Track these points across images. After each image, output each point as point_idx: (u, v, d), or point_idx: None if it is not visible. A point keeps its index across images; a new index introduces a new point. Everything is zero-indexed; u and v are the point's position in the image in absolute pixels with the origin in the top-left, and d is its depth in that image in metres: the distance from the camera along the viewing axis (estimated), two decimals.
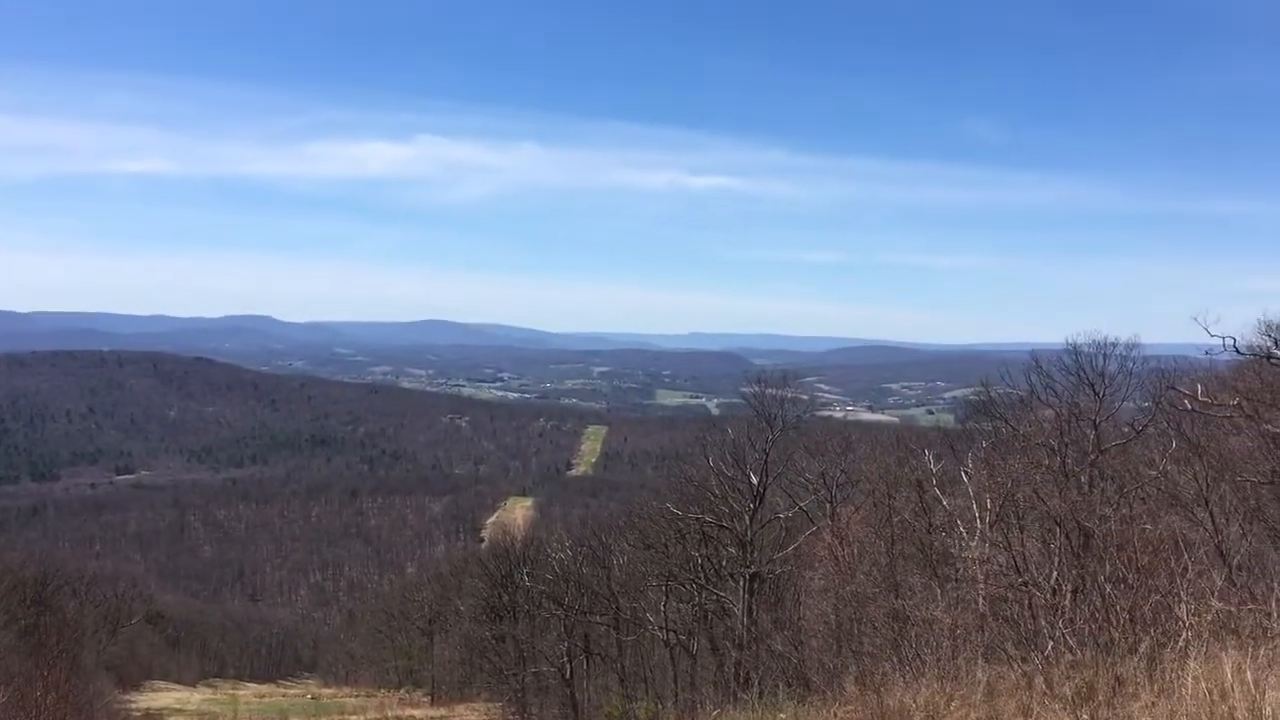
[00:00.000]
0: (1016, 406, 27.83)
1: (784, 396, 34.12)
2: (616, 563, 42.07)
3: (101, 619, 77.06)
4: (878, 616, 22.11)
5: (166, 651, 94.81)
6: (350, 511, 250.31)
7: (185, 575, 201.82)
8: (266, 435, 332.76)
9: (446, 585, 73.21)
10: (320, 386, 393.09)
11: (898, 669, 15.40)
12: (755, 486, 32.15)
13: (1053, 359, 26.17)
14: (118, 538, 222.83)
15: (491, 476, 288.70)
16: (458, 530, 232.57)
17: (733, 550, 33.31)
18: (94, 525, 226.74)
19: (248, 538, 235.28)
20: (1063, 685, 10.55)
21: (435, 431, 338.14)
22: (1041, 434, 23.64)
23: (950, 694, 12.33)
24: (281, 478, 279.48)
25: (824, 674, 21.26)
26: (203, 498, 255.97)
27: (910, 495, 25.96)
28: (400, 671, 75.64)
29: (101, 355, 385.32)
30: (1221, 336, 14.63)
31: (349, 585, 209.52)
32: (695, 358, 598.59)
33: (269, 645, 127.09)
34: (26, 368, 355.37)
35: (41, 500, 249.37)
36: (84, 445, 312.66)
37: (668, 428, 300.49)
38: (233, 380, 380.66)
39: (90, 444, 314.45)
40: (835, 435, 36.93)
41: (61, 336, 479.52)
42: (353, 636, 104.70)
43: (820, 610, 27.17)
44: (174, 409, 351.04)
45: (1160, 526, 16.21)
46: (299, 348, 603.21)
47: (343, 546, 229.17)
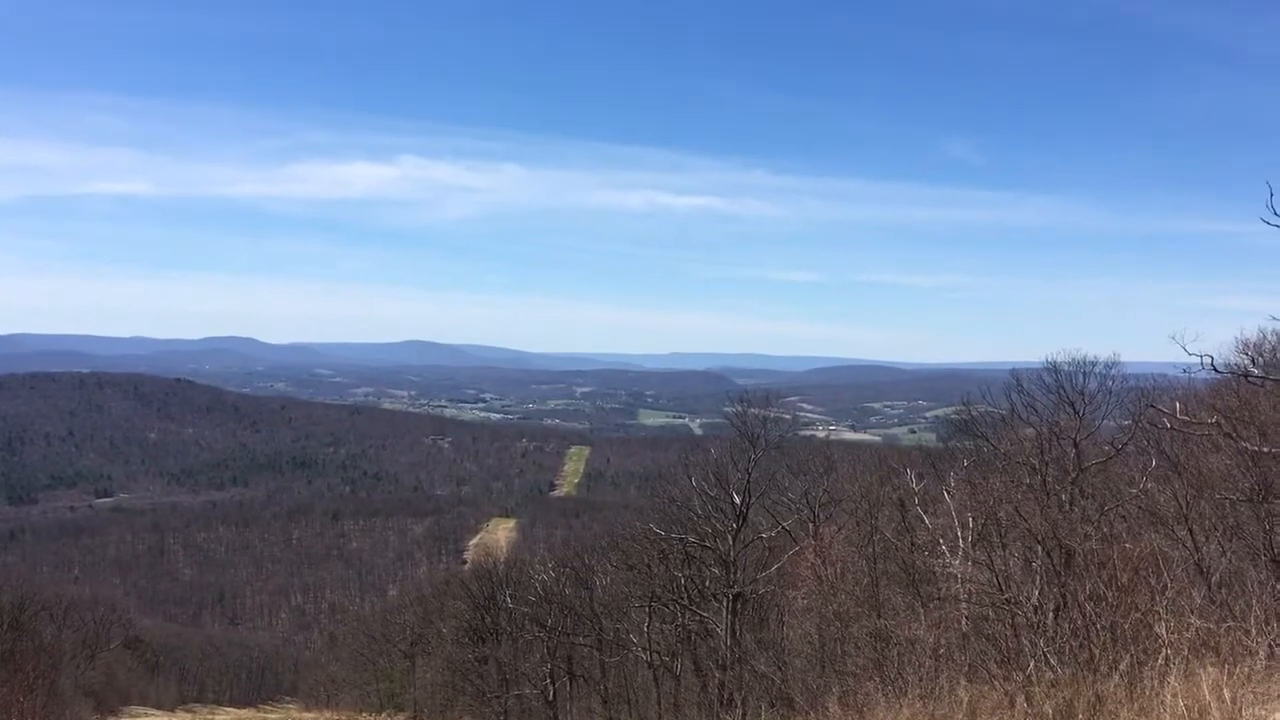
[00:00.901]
0: (998, 425, 27.93)
1: (766, 416, 34.16)
2: (599, 584, 41.96)
3: (80, 644, 76.23)
4: (861, 636, 22.11)
5: (145, 676, 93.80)
6: (332, 533, 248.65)
7: (165, 599, 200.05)
8: (247, 457, 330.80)
9: (429, 607, 72.72)
10: (301, 408, 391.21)
11: (880, 689, 15.40)
12: (738, 506, 32.12)
13: (1033, 378, 26.29)
14: (97, 561, 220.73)
15: (474, 497, 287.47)
16: (440, 552, 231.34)
17: (716, 570, 33.25)
18: (73, 549, 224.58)
19: (228, 561, 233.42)
20: (1044, 704, 10.58)
21: (417, 453, 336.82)
22: (1022, 453, 23.74)
23: (933, 713, 12.34)
24: (262, 500, 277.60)
25: (807, 694, 21.23)
26: (183, 520, 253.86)
27: (893, 514, 26.02)
28: (382, 694, 75.02)
29: (81, 377, 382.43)
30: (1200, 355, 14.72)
31: (330, 608, 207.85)
32: (678, 378, 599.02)
33: (249, 669, 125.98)
34: (5, 390, 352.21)
35: (19, 524, 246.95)
36: (63, 468, 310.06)
37: (650, 448, 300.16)
38: (213, 402, 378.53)
39: (69, 467, 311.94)
40: (818, 455, 37.01)
41: (41, 358, 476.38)
42: (334, 659, 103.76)
43: (803, 630, 27.15)
44: (154, 431, 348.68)
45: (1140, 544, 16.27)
46: (280, 369, 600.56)
47: (324, 569, 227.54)
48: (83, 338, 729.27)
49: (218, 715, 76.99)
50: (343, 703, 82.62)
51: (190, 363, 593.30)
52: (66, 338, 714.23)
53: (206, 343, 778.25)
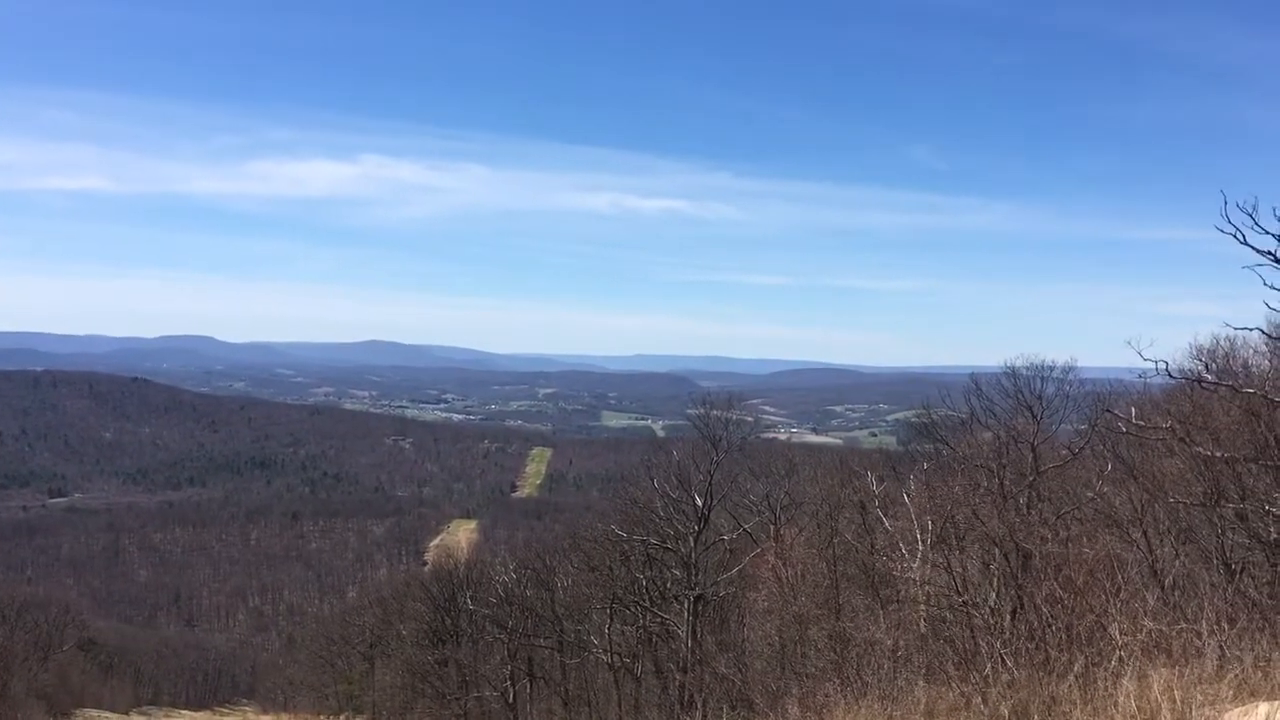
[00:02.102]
0: (957, 429, 28.19)
1: (729, 418, 34.31)
2: (561, 585, 41.93)
3: (32, 646, 75.23)
4: (820, 638, 22.25)
5: (99, 678, 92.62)
6: (291, 534, 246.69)
7: (120, 600, 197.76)
8: (205, 457, 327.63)
9: (388, 609, 72.32)
10: (261, 407, 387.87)
11: (840, 690, 15.50)
12: (700, 508, 32.22)
13: (992, 382, 26.52)
14: (50, 562, 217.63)
15: (435, 499, 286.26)
16: (400, 553, 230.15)
17: (677, 572, 33.33)
18: (25, 549, 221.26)
19: (184, 561, 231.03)
20: (1000, 704, 10.69)
21: (378, 453, 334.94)
22: (981, 456, 23.97)
23: (890, 714, 12.44)
24: (220, 500, 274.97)
25: (767, 696, 21.34)
26: (138, 521, 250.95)
27: (853, 517, 26.21)
28: (340, 697, 74.54)
29: (35, 375, 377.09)
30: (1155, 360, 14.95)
31: (288, 609, 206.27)
32: (641, 379, 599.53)
33: (205, 671, 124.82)
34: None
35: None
36: (16, 467, 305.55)
37: (613, 449, 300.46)
38: (171, 401, 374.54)
39: (22, 466, 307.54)
40: (779, 457, 37.23)
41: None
42: (292, 661, 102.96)
43: (764, 632, 27.29)
44: (110, 430, 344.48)
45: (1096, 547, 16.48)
46: (239, 368, 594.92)
47: (282, 570, 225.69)
48: (37, 335, 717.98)
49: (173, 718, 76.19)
50: (300, 705, 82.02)
51: (147, 361, 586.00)
52: (20, 335, 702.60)
53: (164, 341, 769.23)
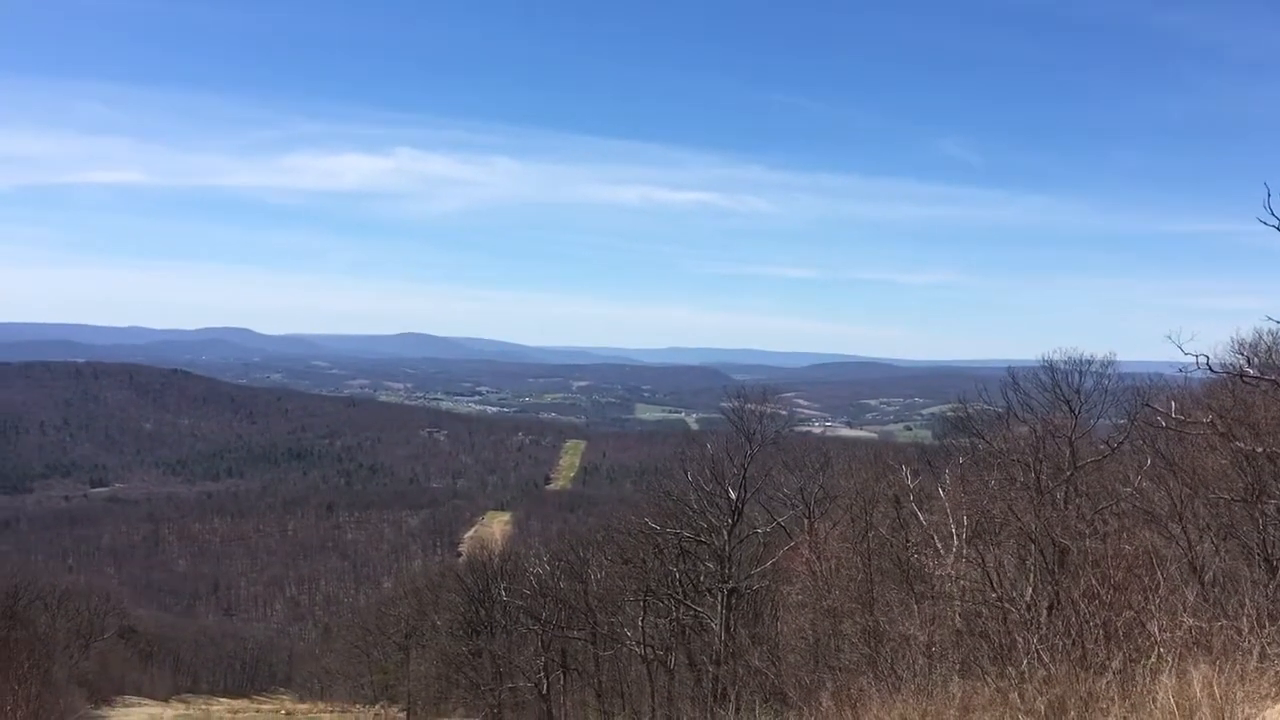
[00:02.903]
0: (993, 423, 27.96)
1: (763, 412, 34.17)
2: (594, 577, 41.99)
3: (74, 633, 76.27)
4: (854, 632, 22.16)
5: (139, 666, 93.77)
6: (327, 525, 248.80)
7: (159, 589, 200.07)
8: (243, 448, 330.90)
9: (423, 600, 72.75)
10: (297, 399, 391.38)
11: (874, 684, 15.44)
12: (733, 502, 32.17)
13: (1029, 376, 26.28)
14: (91, 551, 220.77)
15: (469, 491, 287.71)
16: (435, 544, 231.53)
17: (711, 565, 33.31)
18: (67, 539, 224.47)
19: (223, 551, 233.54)
20: (1036, 700, 10.61)
21: (413, 445, 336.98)
22: (1017, 450, 23.76)
23: (925, 709, 12.38)
24: (258, 491, 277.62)
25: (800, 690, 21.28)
26: (178, 511, 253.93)
27: (887, 511, 26.05)
28: (376, 687, 75.13)
29: (77, 367, 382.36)
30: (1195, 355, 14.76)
31: (325, 599, 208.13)
32: (674, 372, 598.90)
33: (243, 660, 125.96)
34: (0, 379, 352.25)
35: (14, 513, 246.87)
36: (58, 457, 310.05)
37: (646, 442, 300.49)
38: (209, 393, 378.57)
39: (64, 456, 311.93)
40: (813, 451, 37.07)
41: (36, 348, 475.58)
42: (328, 651, 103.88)
43: (797, 625, 27.21)
44: (150, 421, 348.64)
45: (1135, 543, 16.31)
46: (276, 360, 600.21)
47: (319, 560, 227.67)
48: (78, 327, 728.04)
49: (212, 706, 76.99)
50: (336, 694, 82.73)
51: (187, 353, 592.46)
52: (62, 327, 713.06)
53: (203, 333, 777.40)
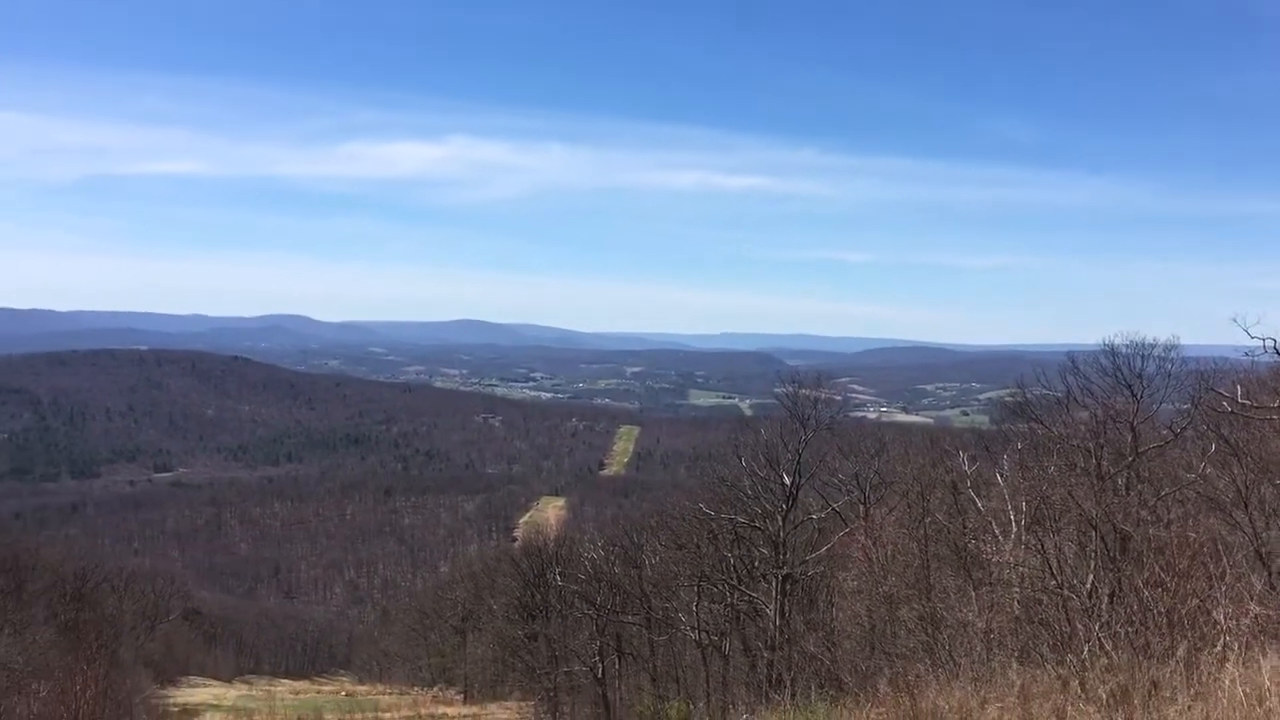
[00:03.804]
0: (1052, 408, 27.55)
1: (817, 397, 33.94)
2: (648, 563, 42.07)
3: (140, 615, 77.94)
4: (911, 618, 22.02)
5: (203, 648, 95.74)
6: (384, 510, 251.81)
7: (222, 572, 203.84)
8: (302, 434, 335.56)
9: (479, 584, 73.45)
10: (355, 386, 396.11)
11: (931, 671, 15.33)
12: (788, 487, 32.02)
13: (1089, 360, 25.84)
14: (156, 535, 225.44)
15: (524, 476, 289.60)
16: (490, 529, 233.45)
17: (765, 551, 33.21)
18: (133, 522, 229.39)
19: (283, 535, 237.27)
20: (1098, 688, 10.48)
21: (468, 431, 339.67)
22: (1077, 436, 23.41)
23: (984, 696, 12.27)
24: (316, 476, 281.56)
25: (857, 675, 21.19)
26: (239, 496, 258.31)
27: (944, 497, 25.80)
28: (433, 669, 76.04)
29: (141, 354, 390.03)
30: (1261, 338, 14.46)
31: (383, 583, 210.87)
32: (728, 358, 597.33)
33: (304, 642, 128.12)
34: (67, 366, 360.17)
35: (81, 497, 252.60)
36: (123, 443, 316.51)
37: (700, 428, 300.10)
38: (269, 379, 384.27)
39: (129, 442, 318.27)
40: (869, 436, 36.78)
41: (101, 335, 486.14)
42: (386, 634, 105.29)
43: (853, 611, 27.08)
44: (211, 408, 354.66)
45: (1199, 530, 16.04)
46: (334, 347, 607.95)
47: (377, 544, 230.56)
48: (142, 315, 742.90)
49: (274, 687, 78.35)
50: (395, 677, 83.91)
51: (247, 340, 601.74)
52: (126, 315, 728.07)
53: (262, 320, 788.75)
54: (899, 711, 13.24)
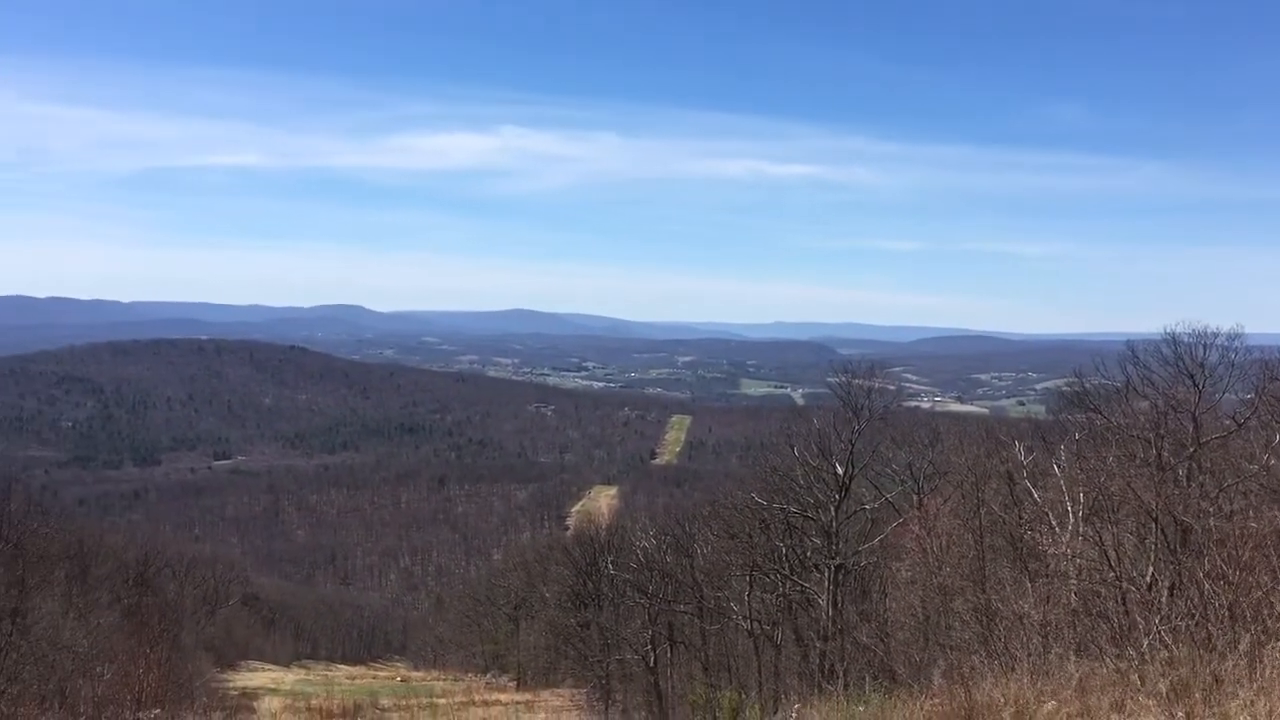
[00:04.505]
0: (1111, 398, 27.10)
1: (870, 386, 33.72)
2: (700, 552, 42.07)
3: (200, 600, 79.40)
4: (965, 610, 21.84)
5: (262, 632, 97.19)
6: (438, 498, 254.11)
7: (279, 558, 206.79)
8: (357, 422, 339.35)
9: (532, 572, 73.93)
10: (409, 375, 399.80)
11: (986, 663, 15.20)
12: (841, 477, 31.85)
13: (1150, 349, 25.37)
14: (216, 521, 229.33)
15: (576, 465, 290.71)
16: (543, 518, 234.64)
17: (817, 541, 33.07)
18: (193, 509, 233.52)
19: (339, 523, 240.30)
20: (1158, 682, 10.33)
21: (521, 420, 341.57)
22: (1137, 426, 23.02)
23: (1041, 689, 12.14)
24: (372, 464, 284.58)
25: (910, 667, 21.07)
26: (296, 483, 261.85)
27: (1000, 488, 25.53)
28: (487, 656, 76.63)
29: (200, 344, 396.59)
30: None
31: (437, 570, 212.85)
32: (780, 347, 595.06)
33: (360, 628, 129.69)
34: (130, 356, 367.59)
35: (144, 484, 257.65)
36: (184, 431, 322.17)
37: (752, 417, 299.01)
38: (325, 368, 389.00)
39: (190, 430, 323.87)
40: (922, 426, 36.55)
41: (163, 326, 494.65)
42: (441, 621, 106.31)
43: (907, 602, 26.91)
44: (269, 396, 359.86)
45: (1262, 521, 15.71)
46: (388, 336, 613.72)
47: (431, 532, 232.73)
48: (202, 305, 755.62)
49: (331, 672, 79.46)
50: (449, 663, 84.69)
51: (303, 330, 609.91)
52: (186, 305, 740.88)
53: (318, 310, 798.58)
54: (953, 704, 13.13)
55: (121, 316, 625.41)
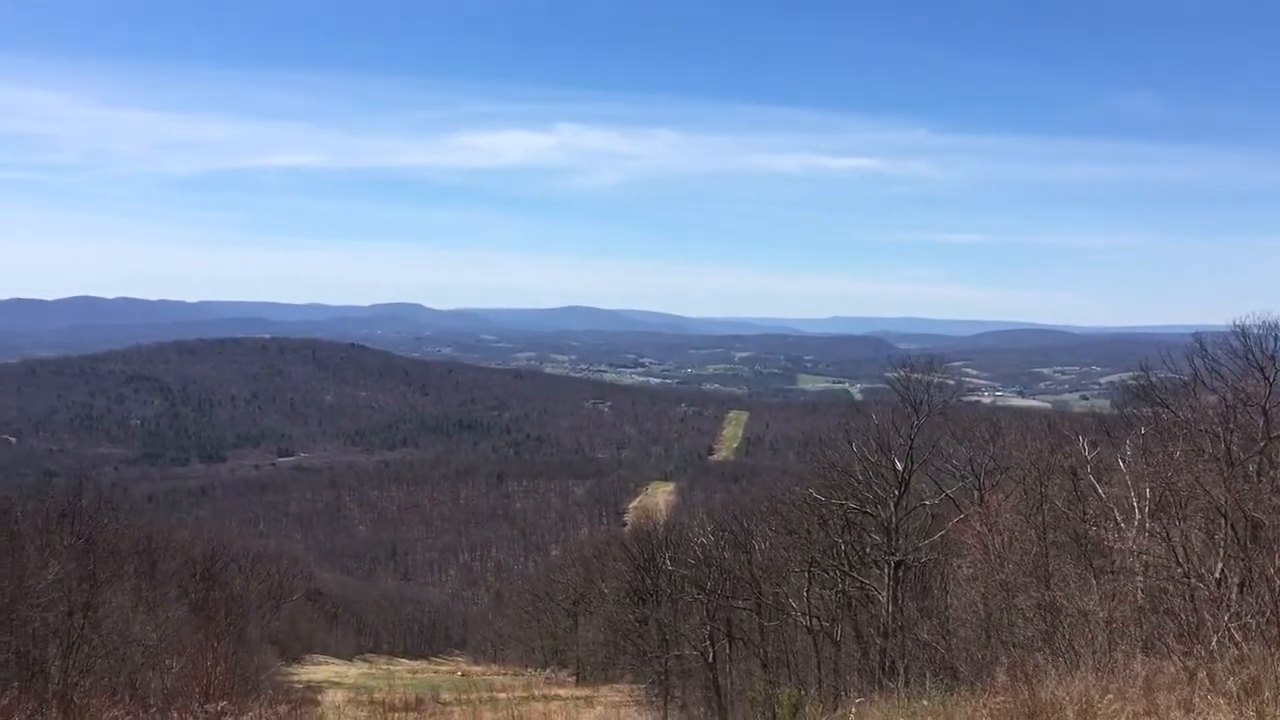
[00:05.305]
0: (1178, 391, 26.57)
1: (930, 381, 33.35)
2: (758, 548, 41.92)
3: (265, 595, 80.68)
4: (1029, 607, 21.55)
5: (325, 627, 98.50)
6: (497, 494, 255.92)
7: (341, 554, 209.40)
8: (416, 419, 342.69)
9: (590, 568, 74.15)
10: (467, 372, 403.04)
11: (1050, 660, 15.00)
12: (899, 473, 31.58)
13: (1218, 342, 24.84)
14: (280, 517, 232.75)
15: (633, 461, 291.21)
16: (600, 514, 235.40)
17: (876, 537, 32.82)
18: (258, 505, 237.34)
19: (400, 518, 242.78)
20: (1227, 680, 10.13)
21: (578, 416, 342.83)
22: (1205, 420, 22.56)
23: (1106, 687, 11.96)
24: (431, 460, 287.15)
25: (972, 664, 20.85)
26: (357, 479, 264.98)
27: (1063, 483, 25.15)
28: (546, 651, 77.02)
29: (263, 343, 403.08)
30: None
31: (496, 566, 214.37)
32: (837, 342, 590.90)
33: (420, 623, 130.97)
34: (195, 355, 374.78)
35: (210, 481, 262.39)
36: (248, 428, 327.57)
37: (810, 413, 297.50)
38: (385, 366, 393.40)
39: (254, 427, 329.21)
40: (983, 421, 36.01)
41: (227, 325, 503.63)
42: (500, 616, 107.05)
43: (968, 599, 26.60)
44: (330, 394, 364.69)
45: None
46: (446, 334, 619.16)
47: (490, 528, 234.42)
48: (264, 304, 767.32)
49: (393, 666, 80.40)
50: (509, 658, 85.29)
51: (363, 328, 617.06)
52: (249, 304, 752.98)
53: (377, 309, 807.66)
54: (1017, 702, 12.98)
55: (187, 316, 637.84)
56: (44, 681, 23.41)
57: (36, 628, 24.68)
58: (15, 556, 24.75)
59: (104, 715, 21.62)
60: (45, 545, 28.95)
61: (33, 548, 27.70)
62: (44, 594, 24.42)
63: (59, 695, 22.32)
